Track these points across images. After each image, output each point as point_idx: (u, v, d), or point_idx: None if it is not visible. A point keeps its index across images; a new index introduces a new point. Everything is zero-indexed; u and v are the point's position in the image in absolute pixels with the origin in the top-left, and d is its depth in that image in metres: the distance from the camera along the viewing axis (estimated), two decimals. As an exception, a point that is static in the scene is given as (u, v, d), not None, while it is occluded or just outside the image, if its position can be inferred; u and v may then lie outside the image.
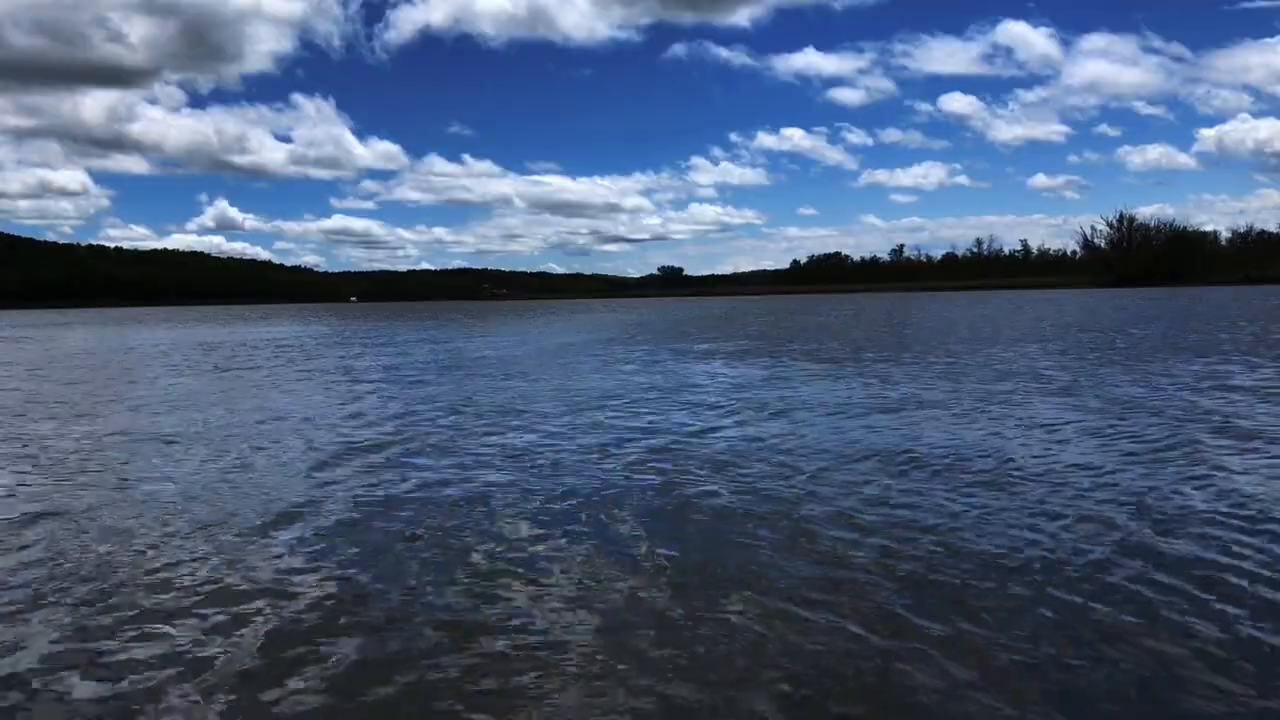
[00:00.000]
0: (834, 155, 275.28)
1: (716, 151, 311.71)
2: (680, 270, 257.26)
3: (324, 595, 4.88)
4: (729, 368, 18.35)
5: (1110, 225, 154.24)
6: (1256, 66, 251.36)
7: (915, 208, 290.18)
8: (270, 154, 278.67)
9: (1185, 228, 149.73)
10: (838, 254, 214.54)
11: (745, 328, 38.10)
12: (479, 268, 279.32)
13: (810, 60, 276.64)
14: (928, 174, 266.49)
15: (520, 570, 5.23)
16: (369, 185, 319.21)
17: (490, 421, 11.00)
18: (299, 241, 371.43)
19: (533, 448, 9.12)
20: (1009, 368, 16.68)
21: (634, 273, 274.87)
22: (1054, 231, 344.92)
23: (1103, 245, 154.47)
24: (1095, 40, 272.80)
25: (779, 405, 12.10)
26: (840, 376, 15.72)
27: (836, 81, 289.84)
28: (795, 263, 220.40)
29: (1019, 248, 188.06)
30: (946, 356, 19.47)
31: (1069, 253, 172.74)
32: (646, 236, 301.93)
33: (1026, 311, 47.58)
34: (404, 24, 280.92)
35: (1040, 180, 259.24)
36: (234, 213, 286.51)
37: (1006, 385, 13.75)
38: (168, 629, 4.44)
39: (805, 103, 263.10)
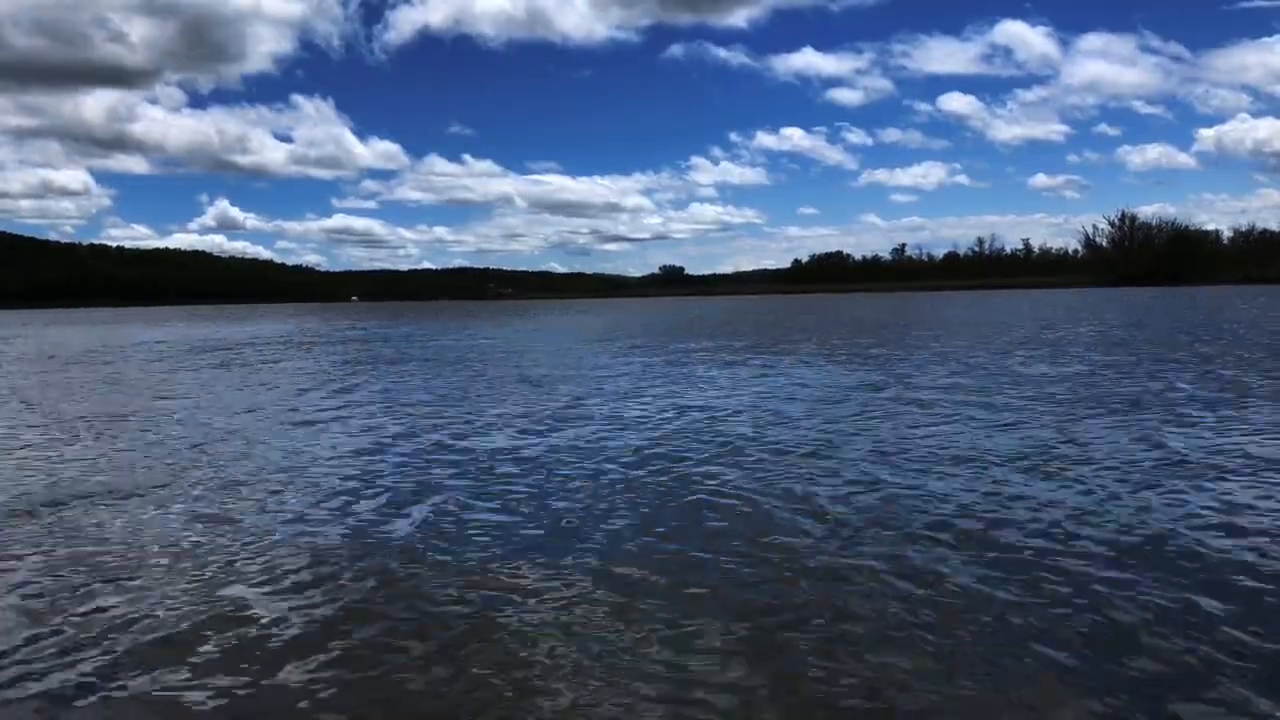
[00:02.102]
0: (834, 155, 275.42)
1: (716, 151, 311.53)
2: (681, 270, 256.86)
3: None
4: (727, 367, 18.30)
5: (1112, 225, 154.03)
6: (1255, 66, 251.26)
7: (916, 207, 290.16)
8: (271, 154, 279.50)
9: (1187, 227, 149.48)
10: (839, 253, 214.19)
11: (743, 329, 38.04)
12: (480, 267, 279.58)
13: (809, 60, 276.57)
14: (928, 174, 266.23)
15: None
16: (370, 185, 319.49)
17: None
18: (300, 241, 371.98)
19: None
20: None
21: (635, 272, 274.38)
22: (1055, 231, 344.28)
23: (1104, 245, 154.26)
24: (1093, 40, 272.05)
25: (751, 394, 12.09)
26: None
27: (835, 82, 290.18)
28: (796, 262, 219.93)
29: (1020, 247, 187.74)
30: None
31: (1070, 252, 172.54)
32: (647, 236, 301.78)
33: (1025, 310, 47.49)
34: (403, 24, 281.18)
35: (1040, 180, 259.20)
36: (235, 212, 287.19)
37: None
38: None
39: (804, 103, 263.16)
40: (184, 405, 13.59)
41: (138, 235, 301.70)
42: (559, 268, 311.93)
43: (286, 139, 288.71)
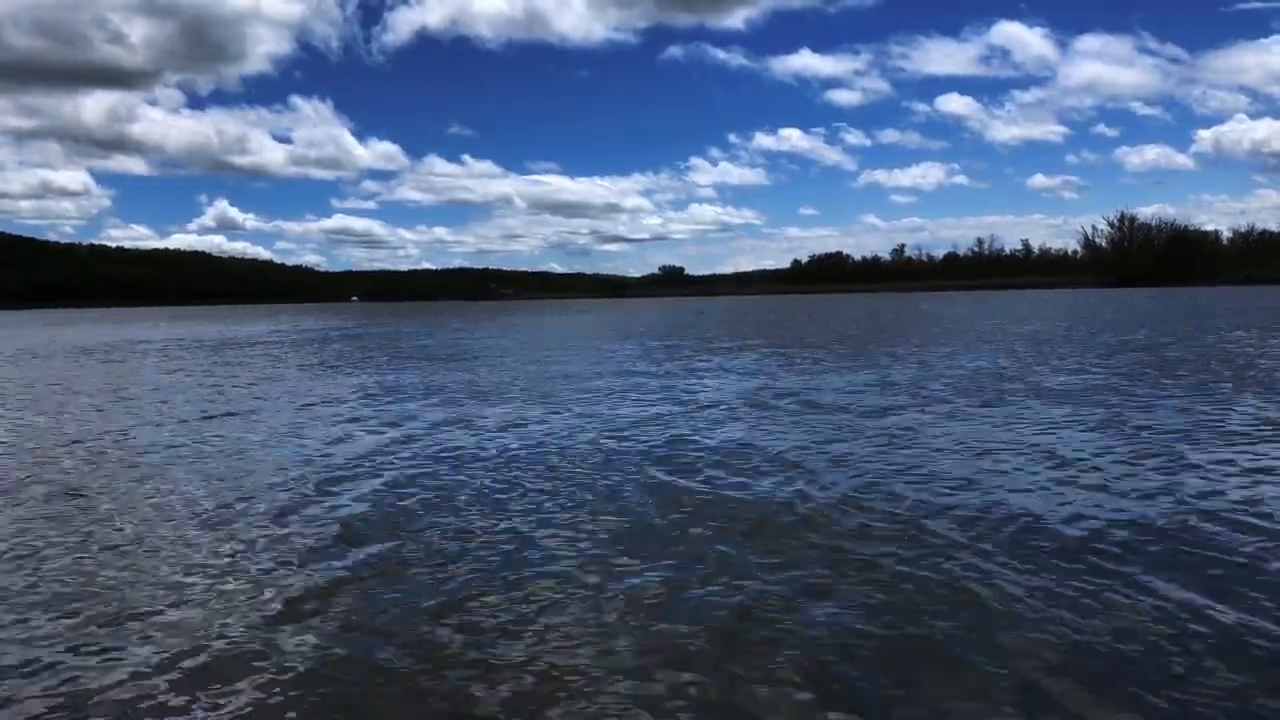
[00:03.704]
0: (832, 155, 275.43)
1: (715, 152, 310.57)
2: (681, 270, 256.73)
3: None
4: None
5: (1111, 225, 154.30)
6: (1252, 67, 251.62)
7: (915, 208, 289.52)
8: (270, 155, 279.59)
9: (1186, 228, 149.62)
10: (839, 254, 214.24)
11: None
12: (480, 267, 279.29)
13: (806, 62, 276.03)
14: (926, 174, 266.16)
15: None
16: (369, 186, 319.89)
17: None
18: (300, 241, 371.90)
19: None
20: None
21: (635, 272, 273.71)
22: (1054, 231, 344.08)
23: (1104, 245, 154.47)
24: (1090, 41, 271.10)
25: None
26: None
27: (833, 83, 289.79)
28: (796, 262, 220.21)
29: (1020, 247, 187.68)
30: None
31: (1070, 252, 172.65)
32: (647, 236, 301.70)
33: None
34: (401, 26, 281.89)
35: (1039, 180, 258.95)
36: (234, 213, 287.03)
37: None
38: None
39: (803, 103, 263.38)
40: (180, 393, 13.62)
41: (137, 236, 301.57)
42: (559, 268, 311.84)
43: (285, 140, 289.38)
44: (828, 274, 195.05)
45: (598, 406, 12.36)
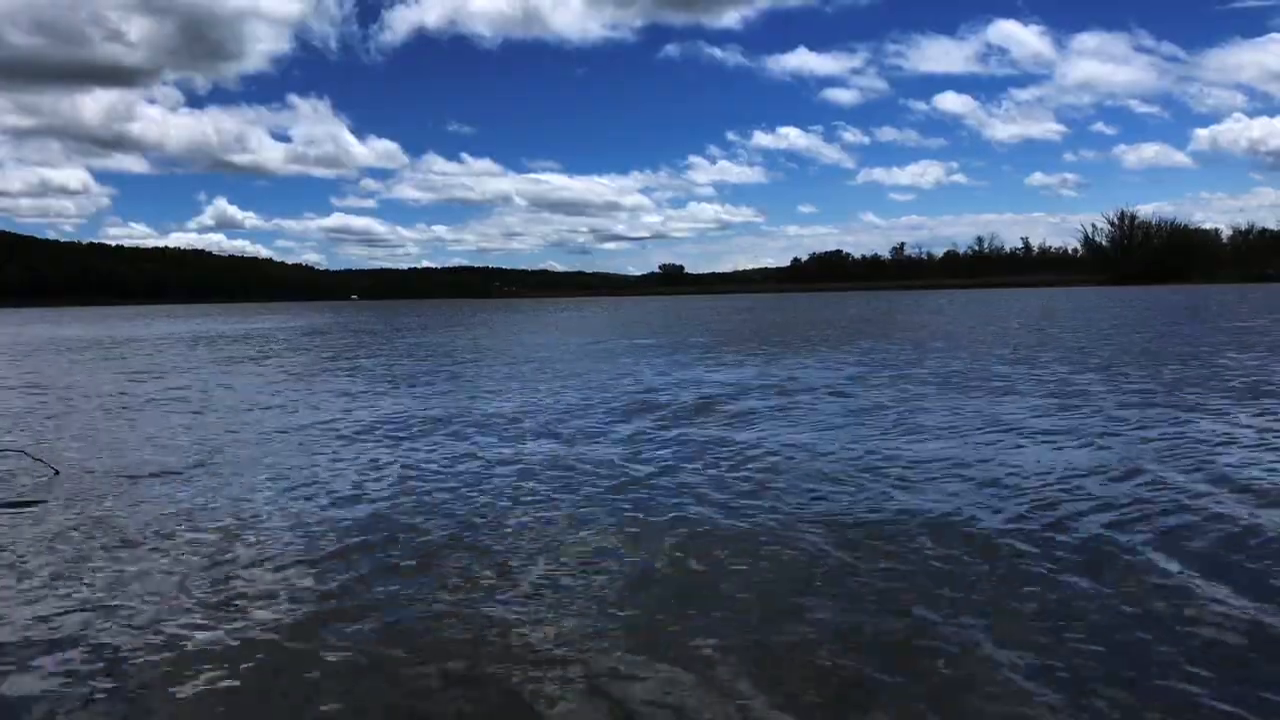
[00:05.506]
0: (831, 154, 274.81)
1: (714, 150, 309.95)
2: (681, 268, 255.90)
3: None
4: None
5: (1112, 224, 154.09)
6: (1249, 65, 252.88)
7: (914, 205, 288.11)
8: (269, 153, 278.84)
9: (1186, 226, 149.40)
10: (838, 252, 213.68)
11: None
12: (480, 266, 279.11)
13: (803, 60, 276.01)
14: (925, 172, 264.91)
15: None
16: (369, 184, 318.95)
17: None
18: (299, 240, 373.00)
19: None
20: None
21: (635, 271, 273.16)
22: (1053, 229, 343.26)
23: (1104, 244, 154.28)
24: (1087, 39, 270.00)
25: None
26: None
27: (830, 81, 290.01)
28: (796, 260, 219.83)
29: (1019, 245, 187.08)
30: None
31: (1070, 250, 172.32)
32: (646, 235, 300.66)
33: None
34: (399, 24, 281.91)
35: (1038, 178, 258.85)
36: (234, 211, 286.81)
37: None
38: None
39: (800, 102, 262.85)
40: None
41: (137, 234, 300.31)
42: (558, 266, 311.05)
43: (284, 138, 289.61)
44: (828, 272, 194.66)
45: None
